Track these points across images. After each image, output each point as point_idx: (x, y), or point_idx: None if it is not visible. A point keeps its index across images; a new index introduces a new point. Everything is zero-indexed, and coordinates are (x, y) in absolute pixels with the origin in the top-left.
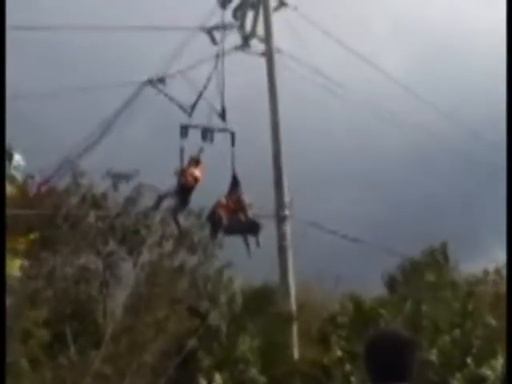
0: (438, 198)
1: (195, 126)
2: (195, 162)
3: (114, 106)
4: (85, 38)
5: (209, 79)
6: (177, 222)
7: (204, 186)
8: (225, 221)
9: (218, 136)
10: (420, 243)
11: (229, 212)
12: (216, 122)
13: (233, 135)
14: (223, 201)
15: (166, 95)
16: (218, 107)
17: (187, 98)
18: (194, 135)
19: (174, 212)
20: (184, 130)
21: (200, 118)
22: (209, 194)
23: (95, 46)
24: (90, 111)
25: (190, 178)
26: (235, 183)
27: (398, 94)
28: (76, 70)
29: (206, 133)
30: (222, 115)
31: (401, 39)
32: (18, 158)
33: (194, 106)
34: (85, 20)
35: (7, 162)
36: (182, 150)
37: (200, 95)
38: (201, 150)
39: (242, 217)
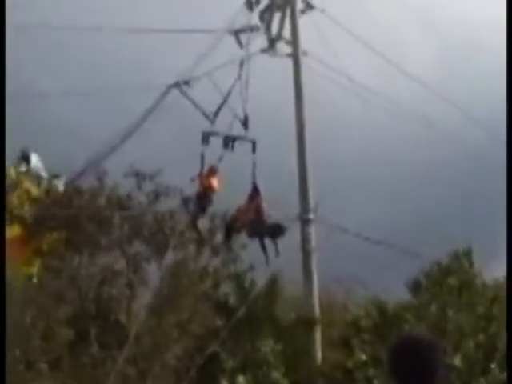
0: (461, 201)
1: (217, 134)
2: (212, 171)
3: (141, 108)
4: (112, 40)
5: (233, 86)
6: (196, 228)
7: (227, 193)
8: (243, 227)
9: (241, 141)
10: (443, 247)
11: (249, 219)
12: (239, 127)
13: (253, 143)
14: (244, 208)
15: (190, 101)
16: (242, 113)
17: (212, 101)
18: (216, 141)
19: (193, 218)
20: (206, 137)
21: (224, 122)
22: (231, 201)
23: (122, 48)
24: (116, 113)
25: (204, 188)
26: (255, 191)
27: (426, 97)
28: (103, 71)
29: (228, 141)
30: (245, 123)
31: (428, 42)
32: (35, 160)
33: (216, 114)
34: (112, 22)
35: (25, 164)
36: (202, 157)
37: (223, 102)
38: (220, 159)
39: (265, 220)
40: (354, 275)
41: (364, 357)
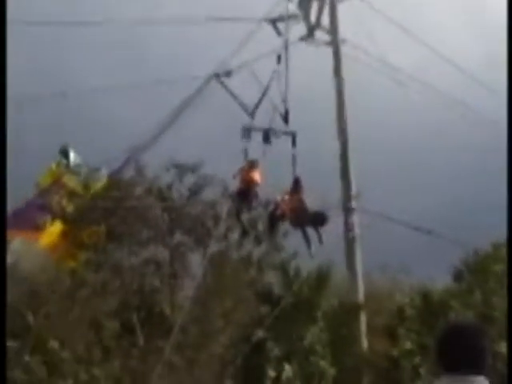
0: (501, 191)
1: (257, 129)
2: (252, 165)
3: (180, 99)
4: (151, 32)
5: (272, 77)
6: (241, 222)
7: (267, 185)
8: (286, 216)
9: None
10: (484, 236)
11: (292, 208)
12: (279, 119)
13: (293, 136)
14: (285, 199)
15: (230, 93)
16: (281, 104)
17: (252, 91)
18: (257, 134)
19: (237, 213)
20: (246, 132)
21: (263, 112)
22: (272, 193)
23: (160, 40)
24: (155, 105)
25: (247, 182)
26: (297, 184)
27: (465, 82)
28: (141, 64)
29: (268, 135)
30: (285, 118)
31: (468, 26)
32: (73, 155)
33: (256, 107)
34: (151, 14)
35: (64, 159)
36: (244, 151)
37: (262, 96)
38: (264, 153)
39: (308, 209)
40: (398, 263)
41: (410, 345)
